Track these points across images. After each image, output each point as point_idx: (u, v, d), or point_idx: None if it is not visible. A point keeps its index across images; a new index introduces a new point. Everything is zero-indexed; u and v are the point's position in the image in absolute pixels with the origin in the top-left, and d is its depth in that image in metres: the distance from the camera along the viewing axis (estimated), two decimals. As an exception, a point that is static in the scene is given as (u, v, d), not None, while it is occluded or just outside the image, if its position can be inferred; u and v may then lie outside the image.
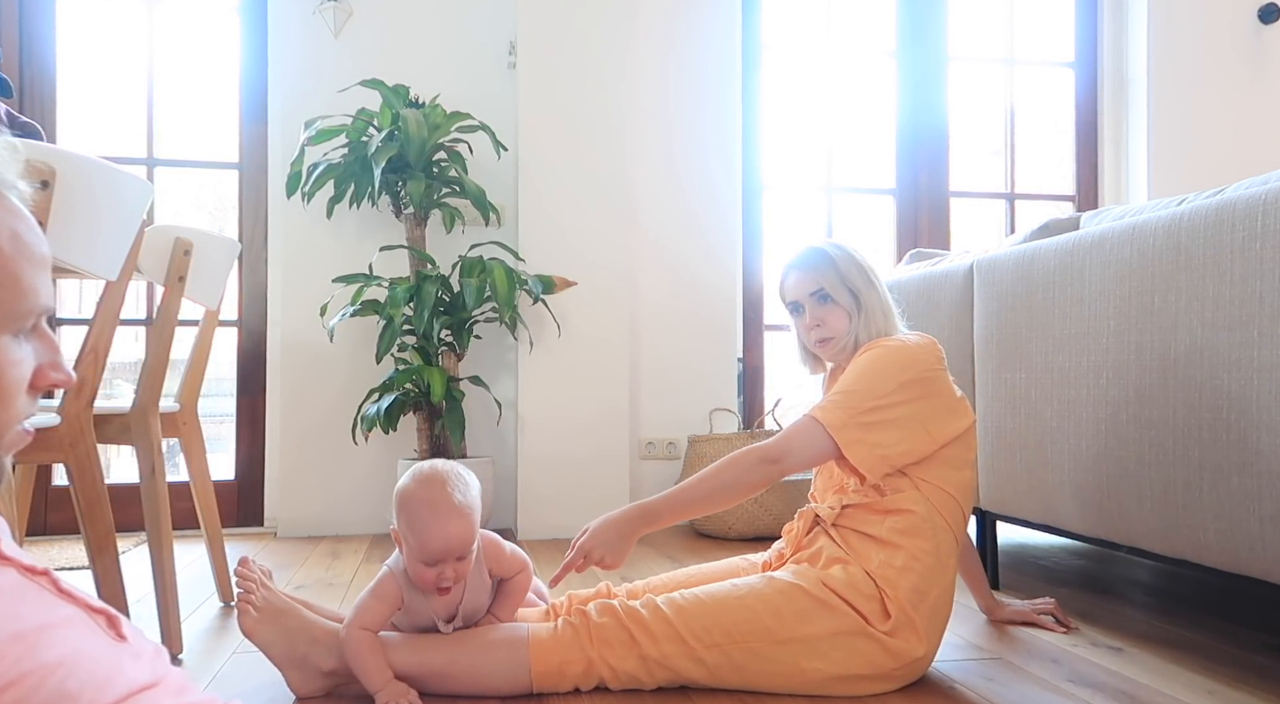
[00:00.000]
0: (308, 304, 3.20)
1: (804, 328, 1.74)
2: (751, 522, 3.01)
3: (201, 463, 2.16)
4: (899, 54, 3.80)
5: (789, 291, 1.76)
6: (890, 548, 1.57)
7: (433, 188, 2.99)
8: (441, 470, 1.49)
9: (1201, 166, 3.79)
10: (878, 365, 1.58)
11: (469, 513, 1.45)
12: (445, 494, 1.44)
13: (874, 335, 1.68)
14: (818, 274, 1.71)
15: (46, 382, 0.79)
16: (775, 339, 3.72)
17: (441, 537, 1.42)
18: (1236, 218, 1.50)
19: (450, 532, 1.42)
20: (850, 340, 1.69)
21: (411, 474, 1.49)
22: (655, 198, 3.45)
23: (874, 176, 3.83)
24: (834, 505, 1.66)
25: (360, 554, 2.82)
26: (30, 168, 1.26)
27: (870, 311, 1.69)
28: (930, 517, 1.58)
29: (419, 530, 1.42)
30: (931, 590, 1.56)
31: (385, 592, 1.49)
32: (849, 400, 1.56)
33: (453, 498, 1.44)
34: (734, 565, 1.82)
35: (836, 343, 1.70)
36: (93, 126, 3.34)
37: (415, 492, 1.46)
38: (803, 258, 1.75)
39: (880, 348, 1.61)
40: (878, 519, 1.60)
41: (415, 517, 1.43)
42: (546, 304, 3.08)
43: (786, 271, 1.77)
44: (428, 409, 2.96)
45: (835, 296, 1.69)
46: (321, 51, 3.26)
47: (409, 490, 1.46)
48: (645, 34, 3.46)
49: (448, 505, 1.43)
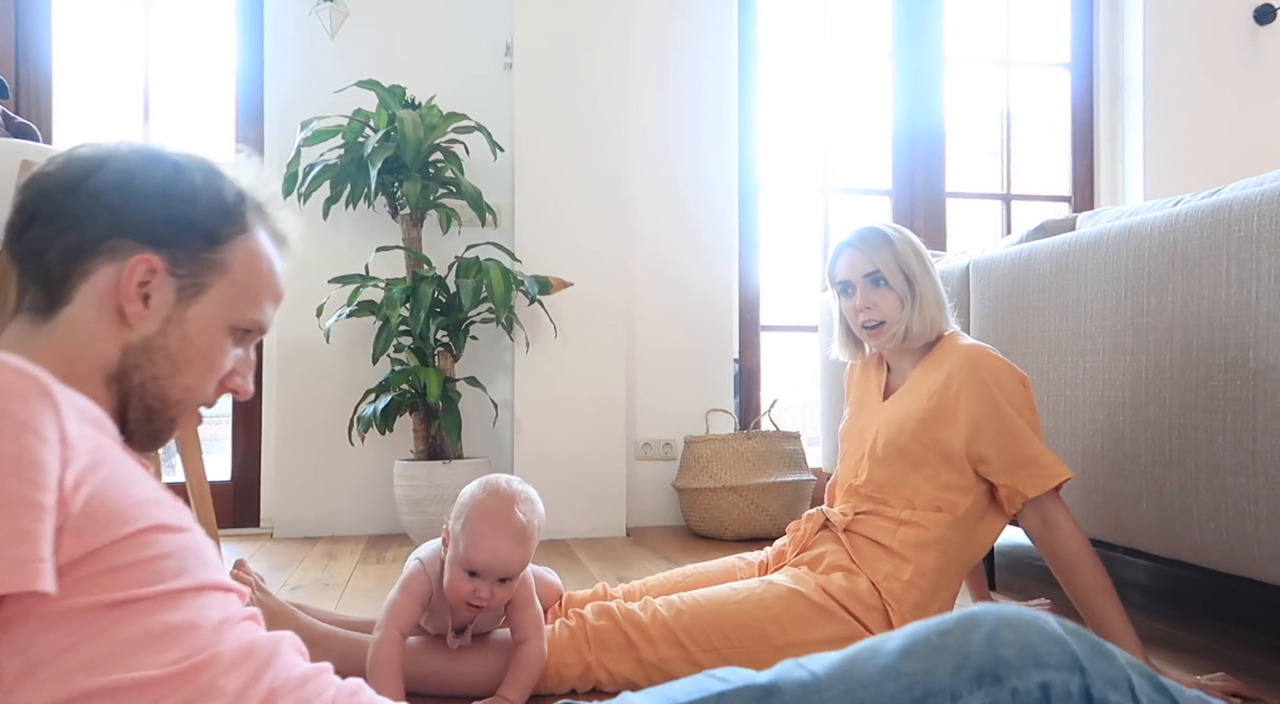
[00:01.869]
0: (304, 305, 3.20)
1: (852, 310, 1.68)
2: (748, 522, 3.01)
3: (197, 463, 2.16)
4: (895, 55, 3.81)
5: (840, 270, 1.69)
6: (898, 560, 1.55)
7: (429, 188, 2.99)
8: (515, 488, 1.45)
9: (1197, 167, 3.80)
10: (1021, 396, 1.57)
11: (527, 537, 1.41)
12: (510, 510, 1.40)
13: (926, 326, 1.63)
14: (873, 255, 1.64)
15: (232, 384, 0.93)
16: (771, 340, 3.72)
17: (491, 549, 1.37)
18: (1232, 219, 1.50)
19: (501, 548, 1.38)
20: (901, 328, 1.63)
21: (483, 482, 1.46)
22: (651, 198, 3.45)
23: (870, 177, 3.83)
24: (847, 511, 1.64)
25: (357, 555, 2.82)
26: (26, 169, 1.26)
27: (924, 301, 1.63)
28: (946, 537, 1.56)
29: (472, 535, 1.38)
30: (933, 604, 1.55)
31: (416, 588, 1.45)
32: (1031, 446, 1.54)
33: (516, 516, 1.40)
34: (730, 565, 1.80)
35: (887, 330, 1.64)
36: (88, 127, 3.33)
37: (483, 499, 1.42)
38: (859, 236, 1.67)
39: (998, 372, 1.56)
40: (891, 529, 1.58)
41: (473, 522, 1.39)
42: (543, 305, 3.08)
43: (840, 249, 1.70)
44: (424, 410, 2.96)
45: (890, 280, 1.62)
46: (318, 52, 3.26)
47: (476, 496, 1.43)
48: (642, 34, 3.46)
49: (509, 522, 1.39)
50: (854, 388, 1.84)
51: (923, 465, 1.58)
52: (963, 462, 1.56)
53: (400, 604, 1.42)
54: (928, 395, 1.59)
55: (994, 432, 1.54)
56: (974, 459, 1.56)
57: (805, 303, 3.72)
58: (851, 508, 1.64)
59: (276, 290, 0.95)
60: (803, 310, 3.72)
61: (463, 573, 1.38)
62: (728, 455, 3.06)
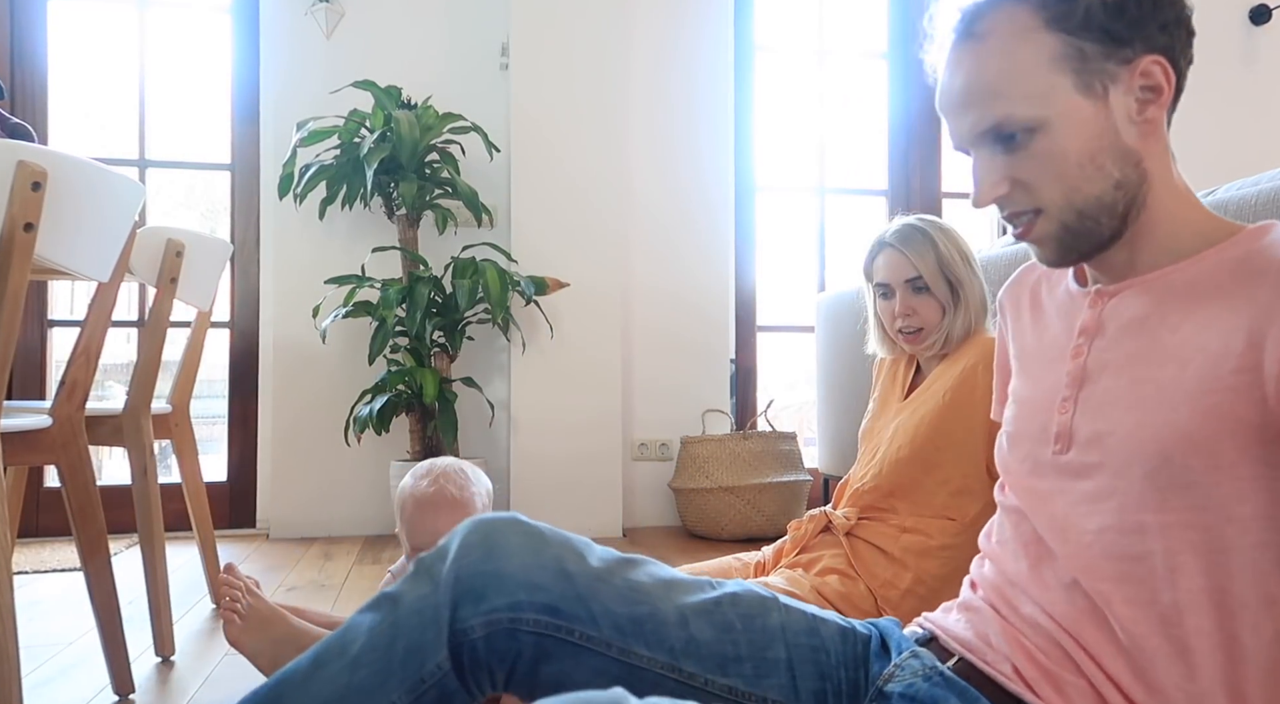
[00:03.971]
0: (300, 305, 3.20)
1: (889, 313, 1.60)
2: (744, 522, 3.01)
3: (193, 464, 2.16)
4: (890, 55, 3.81)
5: (879, 271, 1.60)
6: (898, 567, 1.53)
7: (425, 189, 2.99)
8: (439, 466, 1.43)
9: (1192, 168, 3.76)
10: None
11: (464, 507, 1.38)
12: (439, 488, 1.39)
13: (968, 329, 1.57)
14: (916, 259, 1.55)
15: None
16: (768, 340, 3.72)
17: (429, 531, 1.35)
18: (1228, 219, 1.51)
19: (440, 526, 1.35)
20: (941, 337, 1.57)
21: (411, 470, 1.46)
22: (648, 199, 3.45)
23: (866, 178, 3.84)
24: (851, 515, 1.62)
25: (353, 556, 2.81)
26: (22, 169, 1.25)
27: (968, 305, 1.56)
28: (953, 542, 1.53)
29: (409, 523, 1.38)
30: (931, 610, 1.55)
31: None
32: None
33: (445, 490, 1.38)
34: (726, 565, 1.79)
35: (926, 337, 1.57)
36: (84, 128, 3.33)
37: (409, 485, 1.41)
38: (900, 236, 1.57)
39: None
40: (893, 535, 1.56)
41: (408, 510, 1.39)
42: (539, 305, 3.08)
43: (879, 246, 1.61)
44: (420, 410, 2.96)
45: (932, 286, 1.54)
46: (313, 53, 3.25)
47: (404, 485, 1.42)
48: (638, 35, 3.46)
49: (439, 499, 1.38)
50: (881, 382, 1.79)
51: (935, 468, 1.55)
52: (976, 459, 1.52)
53: None
54: (943, 392, 1.56)
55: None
56: (988, 457, 1.52)
57: (802, 303, 3.72)
58: (856, 512, 1.62)
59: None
60: (799, 311, 3.72)
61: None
62: (724, 456, 3.06)
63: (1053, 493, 0.86)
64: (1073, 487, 0.84)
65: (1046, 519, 0.86)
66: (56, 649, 1.81)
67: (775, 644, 0.89)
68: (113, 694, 1.52)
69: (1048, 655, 0.82)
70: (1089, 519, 0.81)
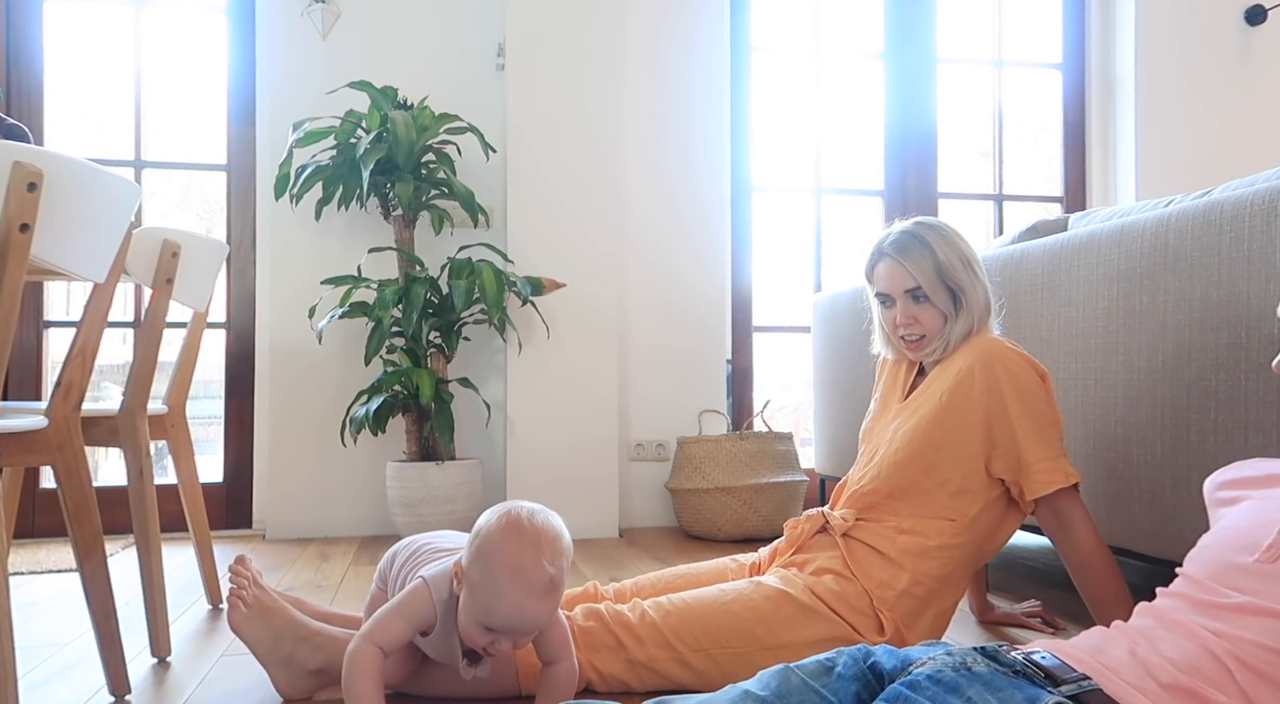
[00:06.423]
0: (296, 306, 3.19)
1: (891, 322, 1.61)
2: (740, 523, 3.01)
3: (190, 465, 2.15)
4: (887, 56, 3.81)
5: (878, 280, 1.60)
6: (894, 568, 1.53)
7: (421, 189, 2.99)
8: (540, 526, 1.25)
9: (1189, 168, 3.81)
10: (1035, 392, 1.52)
11: (555, 593, 1.23)
12: (538, 565, 1.21)
13: (969, 332, 1.58)
14: (915, 270, 1.55)
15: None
16: (764, 341, 3.72)
17: (515, 614, 1.20)
18: (1224, 219, 1.51)
19: (528, 612, 1.21)
20: (943, 343, 1.58)
21: (504, 519, 1.25)
22: (644, 199, 3.45)
23: (862, 178, 3.84)
24: (848, 516, 1.62)
25: (349, 556, 2.81)
26: (18, 170, 1.25)
27: (971, 310, 1.57)
28: (952, 543, 1.53)
29: (492, 592, 1.20)
30: (928, 611, 1.54)
31: (416, 614, 1.29)
32: (1038, 446, 1.50)
33: (545, 572, 1.21)
34: (722, 566, 1.79)
35: (928, 344, 1.59)
36: (80, 128, 3.32)
37: (504, 547, 1.22)
38: (898, 246, 1.57)
39: (1012, 366, 1.52)
40: (890, 536, 1.56)
41: (494, 579, 1.20)
42: (535, 306, 3.08)
43: (878, 256, 1.61)
44: (417, 411, 2.96)
45: (932, 297, 1.55)
46: (309, 53, 3.25)
47: (496, 542, 1.22)
48: (634, 36, 3.46)
49: (536, 580, 1.20)
50: (884, 382, 1.81)
51: (933, 469, 1.55)
52: (975, 459, 1.54)
53: (391, 624, 1.29)
54: (939, 395, 1.57)
55: (1002, 429, 1.52)
56: (985, 456, 1.54)
57: (798, 304, 3.72)
58: (854, 513, 1.62)
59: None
60: (795, 311, 3.72)
61: (479, 626, 1.23)
62: (720, 456, 3.06)
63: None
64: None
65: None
66: (53, 650, 1.81)
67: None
68: (109, 695, 1.51)
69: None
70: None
